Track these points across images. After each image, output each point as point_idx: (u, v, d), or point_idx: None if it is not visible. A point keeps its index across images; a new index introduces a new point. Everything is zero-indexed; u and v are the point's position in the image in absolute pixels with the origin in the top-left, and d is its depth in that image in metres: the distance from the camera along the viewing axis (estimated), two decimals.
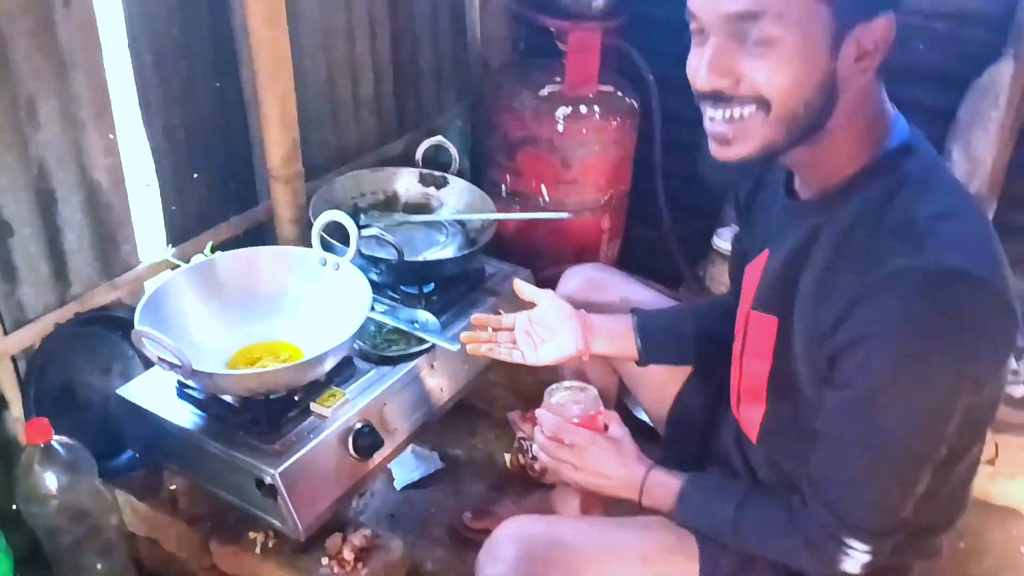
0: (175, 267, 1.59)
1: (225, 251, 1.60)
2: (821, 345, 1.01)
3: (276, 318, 1.57)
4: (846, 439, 1.01)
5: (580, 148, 2.13)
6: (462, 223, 1.91)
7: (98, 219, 1.56)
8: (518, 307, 1.45)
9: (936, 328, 0.91)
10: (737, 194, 1.33)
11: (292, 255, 1.62)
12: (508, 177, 2.22)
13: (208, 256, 1.59)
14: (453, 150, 1.96)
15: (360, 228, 1.57)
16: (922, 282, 0.90)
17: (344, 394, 1.45)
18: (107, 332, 1.60)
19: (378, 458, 1.49)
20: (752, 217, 1.26)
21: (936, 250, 0.91)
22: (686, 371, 1.47)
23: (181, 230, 1.78)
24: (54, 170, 1.46)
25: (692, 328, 1.40)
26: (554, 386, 1.35)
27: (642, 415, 1.64)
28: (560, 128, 2.10)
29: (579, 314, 1.39)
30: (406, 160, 2.08)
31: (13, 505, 1.41)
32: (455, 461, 2.04)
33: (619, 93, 2.18)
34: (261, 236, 1.90)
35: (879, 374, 0.94)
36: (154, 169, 1.73)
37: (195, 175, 1.79)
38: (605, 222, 2.29)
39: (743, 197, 1.30)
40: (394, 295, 1.74)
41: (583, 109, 2.10)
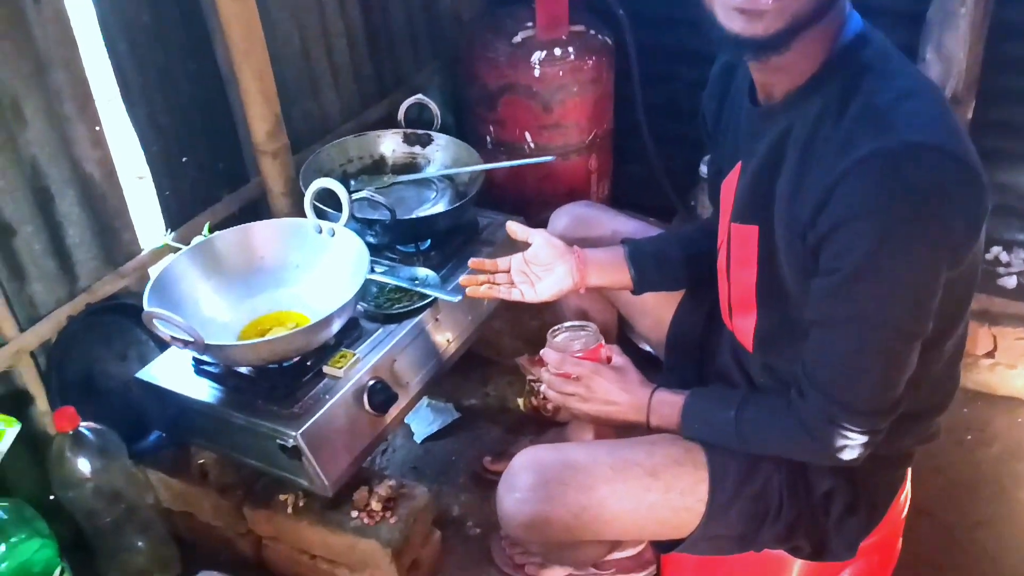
0: (176, 251, 1.62)
1: (223, 230, 1.63)
2: (803, 239, 1.04)
3: (280, 289, 1.60)
4: (835, 322, 1.05)
5: (559, 91, 2.13)
6: (450, 178, 1.94)
7: (95, 211, 1.59)
8: (515, 253, 1.47)
9: (910, 201, 0.95)
10: (704, 116, 1.35)
11: (288, 226, 1.65)
12: (492, 128, 2.23)
13: (207, 236, 1.62)
14: (434, 107, 1.96)
15: (351, 193, 1.60)
16: (891, 160, 0.95)
17: (354, 354, 1.50)
18: (119, 320, 1.64)
19: (395, 411, 1.54)
20: (720, 137, 1.29)
21: (900, 129, 0.96)
22: (679, 295, 1.50)
23: (178, 214, 1.81)
24: (46, 167, 1.49)
25: (680, 252, 1.43)
26: (557, 327, 1.39)
27: (645, 346, 1.68)
28: (537, 73, 2.10)
29: (573, 249, 1.41)
30: (390, 122, 2.09)
31: (51, 496, 1.46)
32: (470, 410, 2.09)
33: (592, 31, 2.18)
34: (256, 212, 1.93)
35: (861, 253, 0.98)
36: (144, 156, 1.75)
37: (184, 158, 1.81)
38: (592, 162, 2.30)
39: (709, 120, 1.33)
40: (392, 255, 1.77)
41: (557, 52, 2.11)
